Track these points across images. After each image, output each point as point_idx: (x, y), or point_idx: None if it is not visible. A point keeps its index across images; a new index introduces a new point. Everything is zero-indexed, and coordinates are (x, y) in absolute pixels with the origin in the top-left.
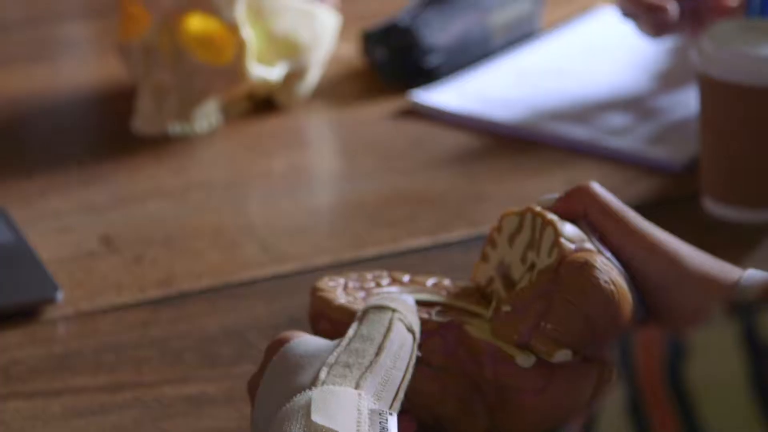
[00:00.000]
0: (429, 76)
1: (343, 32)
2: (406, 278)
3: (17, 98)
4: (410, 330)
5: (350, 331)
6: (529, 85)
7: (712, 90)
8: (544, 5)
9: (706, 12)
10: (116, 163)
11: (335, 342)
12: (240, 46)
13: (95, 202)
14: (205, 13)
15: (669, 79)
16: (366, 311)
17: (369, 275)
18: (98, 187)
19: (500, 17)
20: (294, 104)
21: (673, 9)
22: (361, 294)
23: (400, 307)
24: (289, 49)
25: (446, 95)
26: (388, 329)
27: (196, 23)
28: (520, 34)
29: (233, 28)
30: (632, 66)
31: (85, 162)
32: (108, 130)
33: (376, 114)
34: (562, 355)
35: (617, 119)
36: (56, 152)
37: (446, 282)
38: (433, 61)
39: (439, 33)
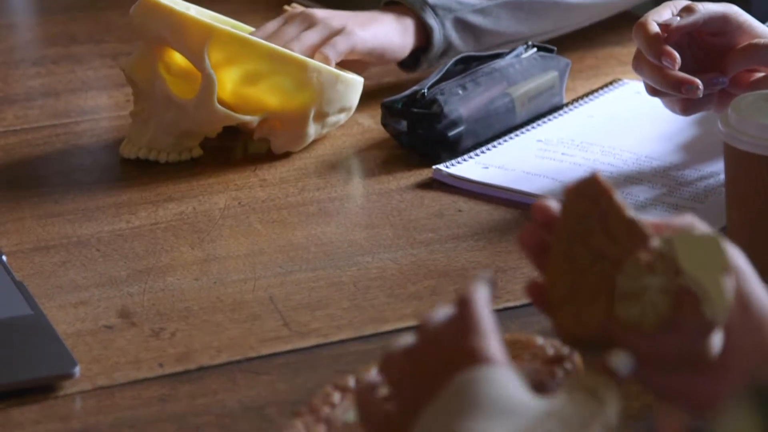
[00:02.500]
0: (451, 147)
1: (364, 100)
2: None
3: (36, 164)
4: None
5: (556, 404)
6: (552, 158)
7: (738, 161)
8: (567, 77)
9: (731, 86)
10: (134, 236)
11: (532, 407)
12: (205, 85)
13: (113, 275)
14: (177, 49)
15: (695, 150)
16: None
17: None
18: (116, 261)
19: (524, 89)
20: (266, 150)
21: (700, 85)
22: None
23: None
24: (265, 100)
25: (469, 166)
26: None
27: (174, 56)
28: (544, 106)
29: (200, 67)
30: (658, 137)
31: (103, 235)
32: (126, 203)
33: (397, 185)
34: None
35: (643, 191)
36: (74, 225)
37: None
38: (455, 132)
39: (462, 104)
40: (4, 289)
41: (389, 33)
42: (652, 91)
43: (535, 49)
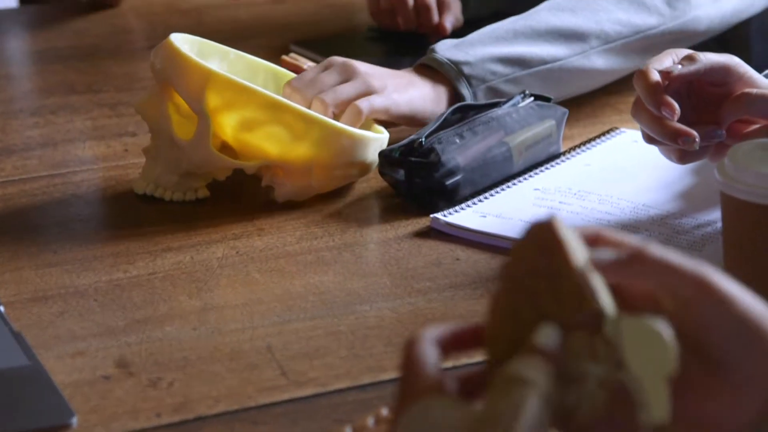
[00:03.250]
0: (449, 196)
1: None
2: None
3: (34, 214)
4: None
5: (478, 409)
6: (550, 206)
7: (735, 210)
8: (564, 126)
9: (727, 136)
10: (132, 286)
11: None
12: (200, 128)
13: (111, 325)
14: (177, 91)
15: (692, 198)
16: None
17: None
18: (114, 310)
19: (521, 137)
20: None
21: (697, 138)
22: None
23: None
24: (264, 147)
25: (466, 215)
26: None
27: (178, 97)
28: (542, 155)
29: (196, 109)
30: (655, 186)
31: (101, 285)
32: (124, 253)
33: (395, 233)
34: None
35: (641, 240)
36: (72, 275)
37: None
38: (453, 180)
39: (460, 153)
40: (1, 339)
41: (425, 100)
42: (649, 139)
43: (532, 98)
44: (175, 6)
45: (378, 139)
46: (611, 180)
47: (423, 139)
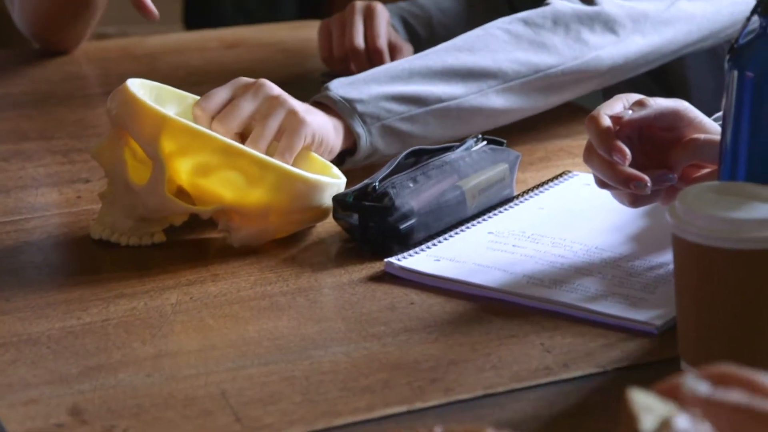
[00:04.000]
0: (403, 240)
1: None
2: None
3: None
4: None
5: None
6: (504, 249)
7: (687, 253)
8: (518, 170)
9: (678, 180)
10: (85, 333)
11: None
12: (155, 173)
13: (64, 372)
14: (133, 136)
15: (645, 241)
16: None
17: None
18: (67, 358)
19: (475, 181)
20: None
21: (649, 182)
22: None
23: None
24: (219, 193)
25: (420, 259)
26: None
27: (134, 142)
28: (495, 198)
29: (151, 155)
30: (607, 229)
31: (54, 332)
32: (77, 300)
33: (349, 278)
34: None
35: (594, 282)
36: (24, 323)
37: None
38: (406, 225)
39: (413, 197)
40: None
41: (327, 126)
42: (602, 184)
43: (485, 142)
44: (128, 52)
45: (334, 184)
46: (565, 223)
47: (377, 184)
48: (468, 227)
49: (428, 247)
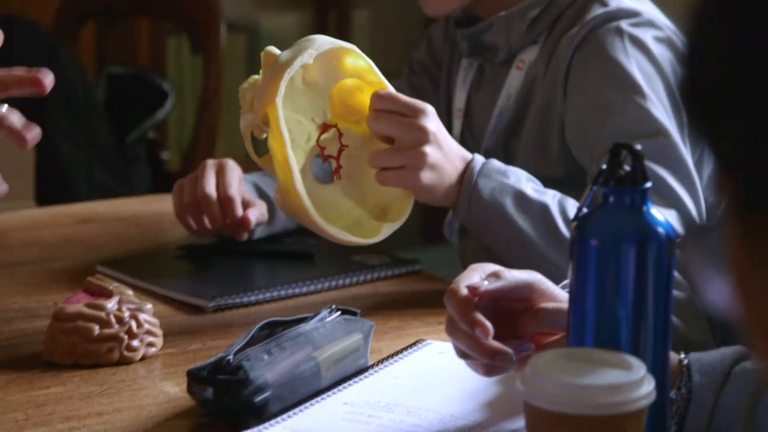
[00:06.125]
0: (258, 413)
1: (169, 371)
2: None
3: None
4: None
5: None
6: (359, 419)
7: (538, 418)
8: (372, 339)
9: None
10: None
11: None
12: None
13: None
14: None
15: (498, 408)
16: None
17: None
18: None
19: (329, 352)
20: None
21: (514, 356)
22: None
23: None
24: None
25: None
26: None
27: None
28: (350, 369)
29: None
30: (462, 397)
31: None
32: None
33: None
34: None
35: None
36: None
37: None
38: (261, 398)
39: (268, 369)
40: None
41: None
42: (463, 354)
43: (339, 312)
44: None
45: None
46: (419, 391)
47: (231, 357)
48: (323, 398)
49: (284, 419)
